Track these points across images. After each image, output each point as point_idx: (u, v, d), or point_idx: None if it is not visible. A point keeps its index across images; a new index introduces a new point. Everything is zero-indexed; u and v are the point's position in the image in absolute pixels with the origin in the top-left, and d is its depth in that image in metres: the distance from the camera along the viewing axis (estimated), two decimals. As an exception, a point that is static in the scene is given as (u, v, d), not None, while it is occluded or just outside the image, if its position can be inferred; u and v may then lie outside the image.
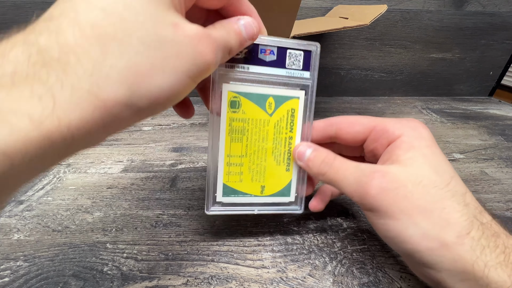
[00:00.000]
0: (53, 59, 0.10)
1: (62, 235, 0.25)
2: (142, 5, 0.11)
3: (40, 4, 0.52)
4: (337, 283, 0.21)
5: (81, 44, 0.10)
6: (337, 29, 0.36)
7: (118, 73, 0.10)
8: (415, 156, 0.17)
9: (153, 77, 0.11)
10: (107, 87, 0.10)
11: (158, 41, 0.11)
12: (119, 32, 0.11)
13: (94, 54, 0.10)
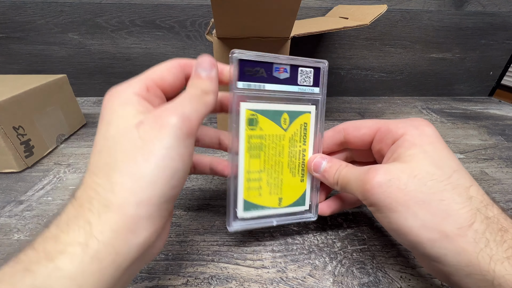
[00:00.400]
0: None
1: (62, 235, 0.25)
2: (112, 132, 0.15)
3: (40, 4, 0.52)
4: (337, 283, 0.21)
5: (95, 181, 0.14)
6: (337, 29, 0.36)
7: (118, 184, 0.14)
8: (415, 153, 0.17)
9: (143, 170, 0.14)
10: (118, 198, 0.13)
11: (130, 145, 0.14)
12: (108, 159, 0.14)
13: (101, 181, 0.14)
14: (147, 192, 0.13)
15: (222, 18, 0.31)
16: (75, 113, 0.45)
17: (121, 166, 0.14)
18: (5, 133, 0.31)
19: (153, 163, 0.14)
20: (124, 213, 0.13)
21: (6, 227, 0.26)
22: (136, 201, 0.13)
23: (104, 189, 0.13)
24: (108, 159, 0.14)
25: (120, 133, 0.14)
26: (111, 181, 0.13)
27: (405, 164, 0.17)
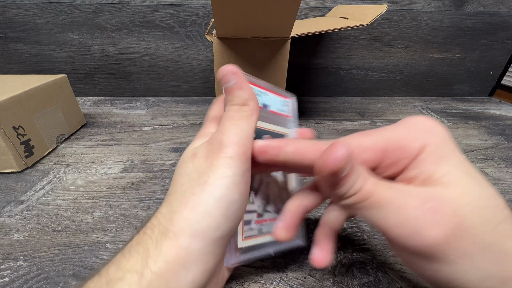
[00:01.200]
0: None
1: (62, 235, 0.25)
2: (177, 167, 0.16)
3: (40, 4, 0.52)
4: (337, 283, 0.21)
5: (160, 211, 0.15)
6: (337, 29, 0.36)
7: (176, 213, 0.14)
8: (450, 170, 0.14)
9: (199, 200, 0.14)
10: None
11: (187, 177, 0.15)
12: (173, 190, 0.15)
13: (164, 211, 0.15)
14: (202, 224, 0.13)
15: (222, 18, 0.31)
16: (75, 113, 0.45)
17: (180, 197, 0.14)
18: (5, 133, 0.31)
19: (208, 193, 0.14)
20: (178, 243, 0.13)
21: (6, 227, 0.26)
22: (191, 232, 0.13)
23: (165, 218, 0.14)
24: (172, 190, 0.15)
25: (180, 165, 0.16)
26: (171, 211, 0.14)
27: (453, 190, 0.13)
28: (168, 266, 0.12)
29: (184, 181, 0.15)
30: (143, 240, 0.14)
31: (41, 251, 0.23)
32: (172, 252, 0.13)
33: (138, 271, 0.12)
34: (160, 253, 0.13)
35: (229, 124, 0.15)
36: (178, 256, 0.13)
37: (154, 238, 0.13)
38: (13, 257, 0.23)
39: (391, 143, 0.15)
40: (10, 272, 0.21)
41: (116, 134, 0.45)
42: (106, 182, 0.32)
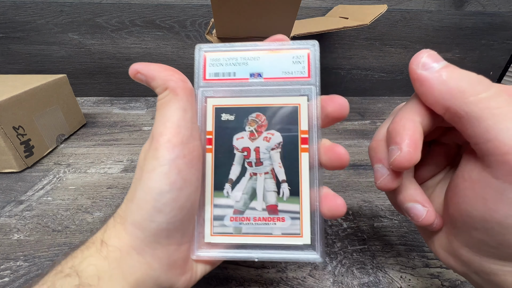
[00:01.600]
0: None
1: (62, 235, 0.25)
2: None
3: (40, 4, 0.52)
4: (337, 283, 0.21)
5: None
6: (337, 29, 0.36)
7: (125, 201, 0.15)
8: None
9: (136, 192, 0.15)
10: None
11: (136, 170, 0.16)
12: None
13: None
14: (137, 215, 0.14)
15: (222, 18, 0.31)
16: (75, 113, 0.45)
17: (131, 188, 0.15)
18: (5, 133, 0.31)
19: (139, 187, 0.14)
20: (125, 228, 0.14)
21: (6, 227, 0.26)
22: (131, 221, 0.14)
23: (125, 203, 0.15)
24: (133, 181, 0.15)
25: (138, 162, 0.16)
26: (127, 198, 0.15)
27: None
28: (118, 244, 0.14)
29: (136, 175, 0.15)
30: (111, 218, 0.16)
31: (41, 251, 0.23)
32: (120, 234, 0.14)
33: (101, 239, 0.14)
34: (114, 233, 0.14)
35: (156, 116, 0.15)
36: (125, 239, 0.14)
37: (115, 218, 0.15)
38: (13, 257, 0.23)
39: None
40: (10, 272, 0.21)
41: (116, 134, 0.45)
42: (106, 182, 0.32)
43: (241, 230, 0.16)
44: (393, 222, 0.27)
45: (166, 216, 0.14)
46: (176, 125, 0.14)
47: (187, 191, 0.14)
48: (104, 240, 0.14)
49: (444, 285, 0.21)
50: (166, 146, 0.14)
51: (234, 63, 0.17)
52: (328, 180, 0.34)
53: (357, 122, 0.51)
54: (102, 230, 0.15)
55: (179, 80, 0.15)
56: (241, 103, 0.16)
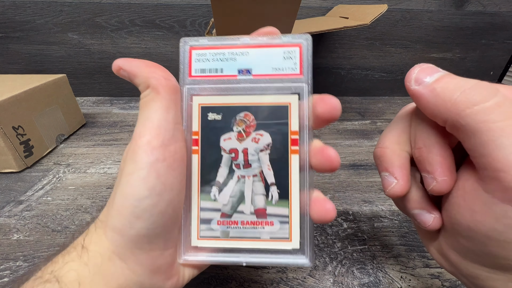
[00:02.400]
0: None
1: (62, 235, 0.25)
2: None
3: (39, 3, 0.52)
4: (337, 283, 0.21)
5: None
6: (338, 29, 0.36)
7: (107, 205, 0.15)
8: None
9: (115, 197, 0.14)
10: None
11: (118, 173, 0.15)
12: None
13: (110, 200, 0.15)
14: (116, 220, 0.13)
15: (222, 18, 0.30)
16: (75, 113, 0.45)
17: (112, 192, 0.14)
18: (5, 133, 0.31)
19: (118, 191, 0.13)
20: (105, 233, 0.14)
21: (5, 227, 0.26)
22: (111, 227, 0.13)
23: (107, 207, 0.15)
24: (116, 184, 0.15)
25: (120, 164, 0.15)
26: (108, 202, 0.15)
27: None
28: (99, 249, 0.14)
29: (118, 177, 0.15)
30: (92, 222, 0.15)
31: (40, 251, 0.23)
32: (101, 239, 0.14)
33: (81, 245, 0.14)
34: (94, 237, 0.14)
35: (138, 116, 0.14)
36: (105, 244, 0.14)
37: (96, 223, 0.15)
38: (13, 257, 0.23)
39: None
40: (9, 272, 0.21)
41: (116, 134, 0.45)
42: (106, 182, 0.32)
43: (229, 234, 0.16)
44: (393, 222, 0.27)
45: (146, 222, 0.13)
46: (157, 125, 0.13)
47: (168, 196, 0.13)
48: (84, 245, 0.14)
49: (444, 286, 0.21)
50: (144, 148, 0.13)
51: (222, 58, 0.16)
52: (328, 180, 0.34)
53: (357, 122, 0.51)
54: (84, 234, 0.15)
55: (161, 78, 0.14)
56: (229, 101, 0.16)
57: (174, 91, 0.14)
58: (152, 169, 0.13)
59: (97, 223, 0.15)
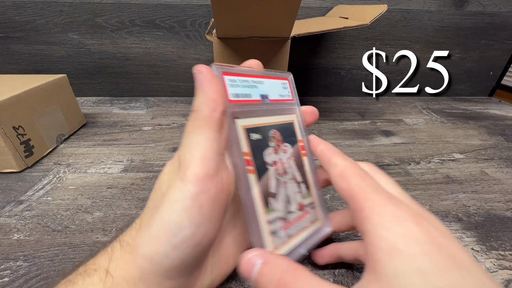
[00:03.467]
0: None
1: (62, 235, 0.25)
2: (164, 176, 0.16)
3: (39, 4, 0.52)
4: (337, 283, 0.21)
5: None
6: (337, 29, 0.36)
7: (138, 229, 0.15)
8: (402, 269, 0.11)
9: (152, 222, 0.13)
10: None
11: (154, 194, 0.15)
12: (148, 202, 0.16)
13: (137, 221, 0.15)
14: (151, 248, 0.13)
15: (222, 18, 0.30)
16: (75, 113, 0.45)
17: (147, 213, 0.15)
18: (5, 133, 0.31)
19: (159, 216, 0.13)
20: (134, 259, 0.13)
21: (6, 227, 0.26)
22: (142, 253, 0.13)
23: (135, 229, 0.15)
24: (148, 203, 0.15)
25: (157, 178, 0.16)
26: (140, 224, 0.14)
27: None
28: (126, 275, 0.13)
29: (154, 198, 0.15)
30: (116, 241, 0.15)
31: (41, 251, 0.23)
32: (129, 265, 0.13)
33: (105, 269, 0.13)
34: (122, 261, 0.14)
35: (184, 138, 0.15)
36: (133, 271, 0.13)
37: (122, 245, 0.14)
38: (13, 257, 0.23)
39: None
40: (10, 272, 0.21)
41: (116, 134, 0.45)
42: (106, 182, 0.32)
43: (290, 234, 0.18)
44: (393, 222, 0.27)
45: (182, 253, 0.13)
46: (203, 156, 0.14)
47: (205, 228, 0.13)
48: (109, 271, 0.13)
49: (444, 285, 0.21)
50: (191, 178, 0.13)
51: (247, 85, 0.18)
52: (328, 180, 0.34)
53: (357, 122, 0.51)
54: (107, 257, 0.14)
55: (213, 110, 0.14)
56: (261, 122, 0.18)
57: (221, 123, 0.15)
58: (197, 200, 0.13)
59: (124, 246, 0.14)
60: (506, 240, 0.25)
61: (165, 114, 0.54)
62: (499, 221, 0.28)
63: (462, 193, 0.32)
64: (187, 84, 0.63)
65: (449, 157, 0.40)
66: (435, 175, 0.35)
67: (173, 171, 0.15)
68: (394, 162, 0.38)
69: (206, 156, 0.14)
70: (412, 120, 0.53)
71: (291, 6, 0.29)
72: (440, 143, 0.44)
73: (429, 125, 0.51)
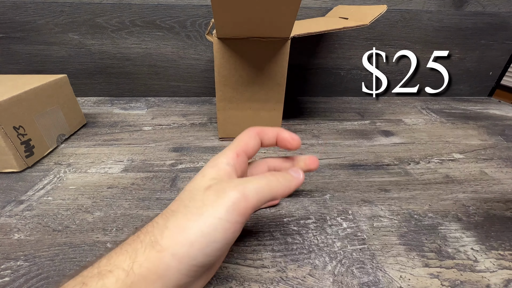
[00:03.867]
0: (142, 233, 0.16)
1: (63, 235, 0.25)
2: (190, 187, 0.18)
3: (40, 4, 0.52)
4: (337, 283, 0.21)
5: (157, 220, 0.16)
6: (337, 29, 0.36)
7: (168, 229, 0.15)
8: None
9: (189, 228, 0.15)
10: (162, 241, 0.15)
11: (193, 202, 0.16)
12: (176, 207, 0.17)
13: (160, 221, 0.16)
14: (183, 249, 0.14)
15: (222, 18, 0.31)
16: (76, 113, 0.45)
17: (178, 217, 0.16)
18: (6, 133, 0.32)
19: (198, 226, 0.15)
20: (161, 256, 0.14)
21: (6, 226, 0.26)
22: (173, 252, 0.14)
23: (159, 229, 0.15)
24: (176, 207, 0.17)
25: (192, 189, 0.17)
26: (166, 225, 0.15)
27: None
28: (149, 273, 0.14)
29: (189, 204, 0.16)
30: (135, 242, 0.15)
31: (41, 250, 0.23)
32: (155, 262, 0.14)
33: (125, 269, 0.14)
34: (145, 260, 0.14)
35: (257, 180, 0.17)
36: (158, 267, 0.14)
37: (145, 244, 0.15)
38: (14, 257, 0.23)
39: None
40: (10, 271, 0.21)
41: (117, 134, 0.45)
42: (107, 182, 0.33)
43: None
44: (392, 222, 0.27)
45: (207, 259, 0.15)
46: (259, 204, 0.17)
47: (230, 244, 0.16)
48: (133, 269, 0.14)
49: (443, 285, 0.21)
50: (242, 210, 0.16)
51: None
52: (328, 179, 0.34)
53: (357, 122, 0.52)
54: (127, 257, 0.14)
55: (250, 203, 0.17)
56: None
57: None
58: (235, 226, 0.15)
59: (150, 245, 0.15)
60: (506, 240, 0.25)
61: (165, 114, 0.54)
62: (498, 221, 0.28)
63: (461, 193, 0.32)
64: (187, 84, 0.63)
65: (448, 157, 0.40)
66: (435, 175, 0.35)
67: (217, 185, 0.17)
68: (393, 162, 0.38)
69: (258, 205, 0.17)
70: (412, 120, 0.53)
71: (291, 6, 0.29)
72: (439, 143, 0.44)
73: (428, 125, 0.51)
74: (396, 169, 0.36)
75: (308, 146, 0.42)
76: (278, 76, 0.38)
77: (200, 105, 0.59)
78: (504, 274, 0.22)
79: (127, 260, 0.14)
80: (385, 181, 0.34)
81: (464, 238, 0.25)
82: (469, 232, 0.26)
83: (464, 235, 0.26)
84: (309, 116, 0.54)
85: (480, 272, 0.22)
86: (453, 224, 0.27)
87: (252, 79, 0.38)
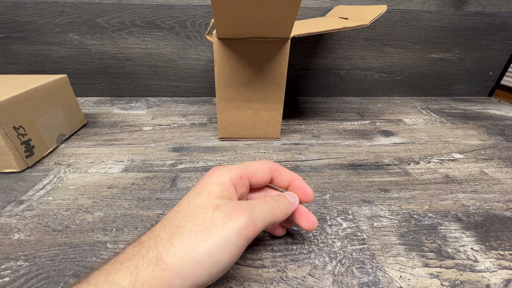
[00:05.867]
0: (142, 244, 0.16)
1: (63, 235, 0.25)
2: (196, 202, 0.17)
3: (40, 4, 0.52)
4: (337, 283, 0.21)
5: (159, 234, 0.16)
6: (337, 29, 0.36)
7: (174, 247, 0.15)
8: None
9: (197, 247, 0.15)
10: (167, 259, 0.14)
11: (201, 220, 0.16)
12: (182, 223, 0.16)
13: (164, 236, 0.16)
14: (189, 269, 0.14)
15: (222, 18, 0.31)
16: (76, 113, 0.45)
17: (185, 234, 0.15)
18: (6, 133, 0.32)
19: (207, 246, 0.15)
20: (165, 275, 0.14)
21: (6, 226, 0.26)
22: (178, 271, 0.14)
23: (163, 245, 0.15)
24: (181, 222, 0.16)
25: (200, 206, 0.17)
26: (171, 241, 0.15)
27: None
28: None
29: (197, 222, 0.16)
30: (135, 257, 0.15)
31: (41, 250, 0.23)
32: (158, 281, 0.14)
33: (125, 287, 0.13)
34: (148, 278, 0.14)
35: (263, 205, 0.18)
36: (161, 286, 0.14)
37: (147, 260, 0.14)
38: (14, 257, 0.23)
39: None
40: (10, 271, 0.21)
41: (117, 134, 0.45)
42: (107, 182, 0.33)
43: None
44: (392, 222, 0.27)
45: (210, 279, 0.15)
46: (264, 226, 0.18)
47: (233, 263, 0.17)
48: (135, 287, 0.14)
49: (443, 285, 0.21)
50: (248, 234, 0.16)
51: None
52: (328, 179, 0.34)
53: (357, 122, 0.52)
54: (128, 274, 0.14)
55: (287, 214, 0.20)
56: None
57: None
58: (240, 248, 0.16)
59: (154, 263, 0.14)
60: (506, 240, 0.25)
61: (166, 114, 0.54)
62: (498, 221, 0.28)
63: (461, 193, 0.32)
64: (187, 84, 0.63)
65: (448, 157, 0.40)
66: (435, 175, 0.35)
67: (226, 206, 0.17)
68: (393, 162, 0.38)
69: (263, 227, 0.17)
70: (412, 120, 0.53)
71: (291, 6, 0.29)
72: (439, 143, 0.44)
73: (428, 125, 0.51)
74: (396, 169, 0.36)
75: (308, 146, 0.42)
76: (278, 76, 0.38)
77: (200, 105, 0.59)
78: (504, 274, 0.22)
79: (127, 278, 0.14)
80: (385, 181, 0.34)
81: (464, 238, 0.25)
82: (469, 232, 0.26)
83: (464, 235, 0.26)
84: (309, 116, 0.54)
85: (480, 272, 0.22)
86: (453, 224, 0.27)
87: (252, 79, 0.38)
